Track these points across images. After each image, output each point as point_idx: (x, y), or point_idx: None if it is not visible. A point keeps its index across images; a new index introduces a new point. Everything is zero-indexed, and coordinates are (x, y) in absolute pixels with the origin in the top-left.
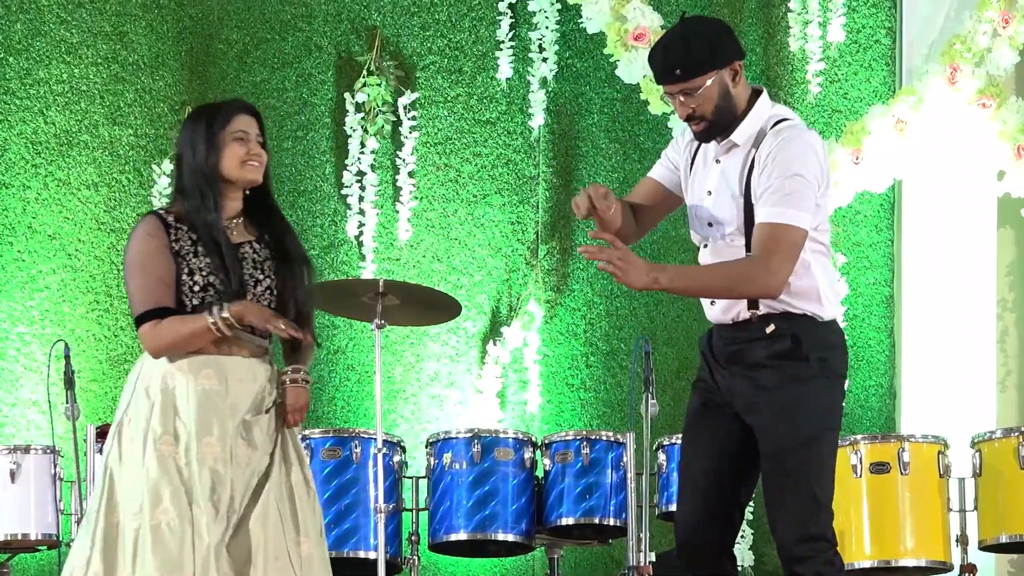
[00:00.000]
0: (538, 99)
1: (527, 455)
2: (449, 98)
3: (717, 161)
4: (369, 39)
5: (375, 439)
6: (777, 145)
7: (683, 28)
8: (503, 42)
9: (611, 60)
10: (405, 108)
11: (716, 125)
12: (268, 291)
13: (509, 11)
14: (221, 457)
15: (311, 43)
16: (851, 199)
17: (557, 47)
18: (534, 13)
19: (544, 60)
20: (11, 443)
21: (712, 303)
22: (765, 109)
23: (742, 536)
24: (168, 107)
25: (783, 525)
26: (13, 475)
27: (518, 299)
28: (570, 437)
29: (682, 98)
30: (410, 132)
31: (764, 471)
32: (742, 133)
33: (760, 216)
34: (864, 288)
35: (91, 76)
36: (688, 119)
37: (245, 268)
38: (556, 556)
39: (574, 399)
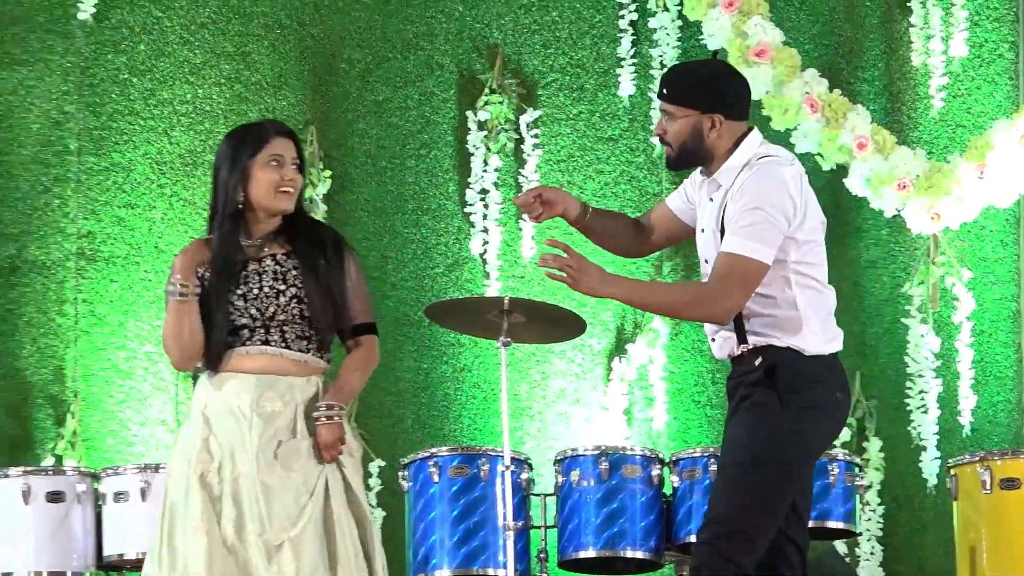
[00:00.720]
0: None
1: (655, 472)
2: (571, 116)
3: (710, 200)
4: (491, 57)
5: (502, 457)
6: (748, 179)
7: (701, 62)
8: (624, 59)
9: None
10: (527, 126)
11: (680, 158)
12: (294, 300)
13: (630, 28)
14: (254, 477)
15: (433, 61)
16: (976, 214)
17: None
18: (655, 30)
19: None
20: (141, 462)
21: (713, 340)
22: (751, 147)
23: (871, 553)
24: (291, 126)
25: (703, 531)
26: (144, 493)
27: (643, 316)
28: (697, 454)
29: (663, 116)
30: (533, 150)
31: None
32: (724, 173)
33: (722, 246)
34: (990, 303)
35: (214, 96)
36: (660, 139)
37: (264, 281)
38: (685, 573)
39: (700, 416)
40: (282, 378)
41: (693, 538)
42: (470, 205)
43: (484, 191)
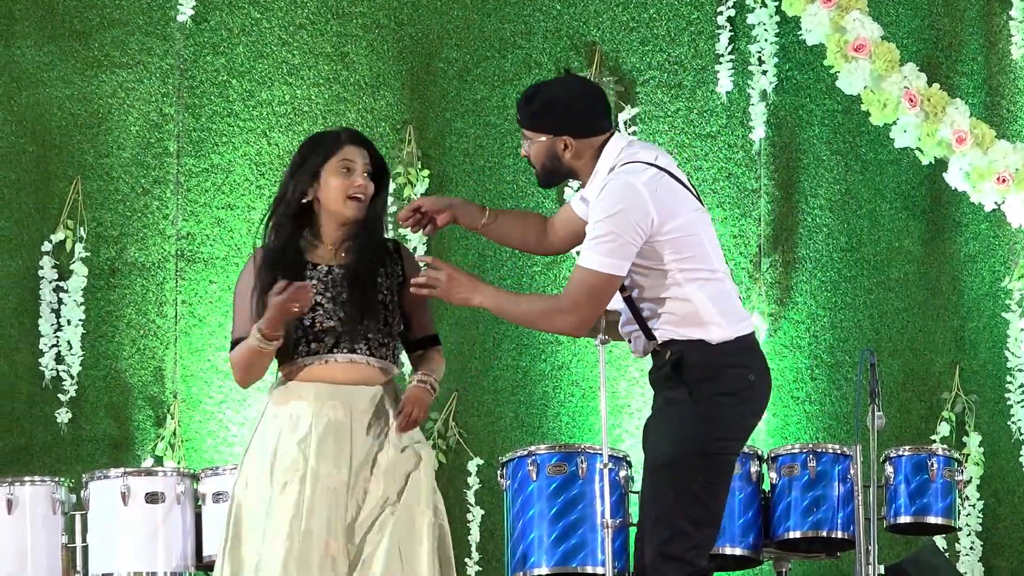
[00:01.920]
0: (758, 112)
1: (753, 468)
2: (669, 112)
3: None
4: (588, 55)
5: (601, 454)
6: (602, 191)
7: (552, 82)
8: (722, 55)
9: (831, 71)
10: (626, 123)
11: (546, 178)
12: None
13: (728, 24)
14: (342, 486)
15: (531, 60)
16: None
17: (776, 60)
18: (753, 26)
19: (764, 73)
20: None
21: (628, 340)
22: (611, 156)
23: (971, 548)
24: (389, 126)
25: (644, 543)
26: None
27: (750, 307)
28: (796, 450)
29: (523, 139)
30: None
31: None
32: (591, 187)
33: (578, 259)
34: None
35: (313, 97)
36: (528, 160)
37: (343, 287)
38: (784, 570)
39: (799, 412)
40: (369, 388)
41: (791, 534)
42: (565, 202)
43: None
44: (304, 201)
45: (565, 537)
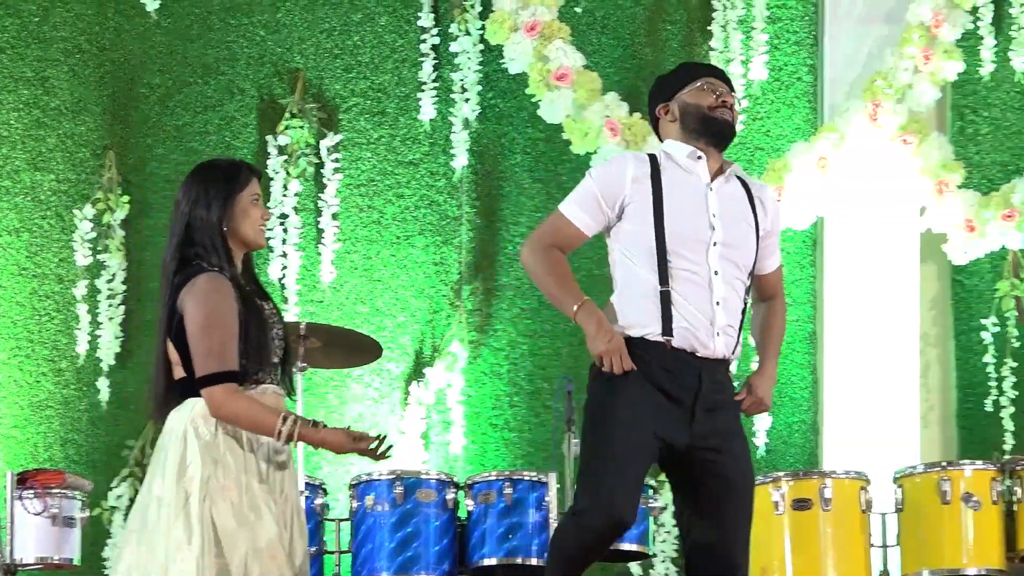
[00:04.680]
0: (461, 140)
1: (449, 496)
2: (372, 140)
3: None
4: (292, 82)
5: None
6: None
7: None
8: (425, 83)
9: (533, 100)
10: (328, 150)
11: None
12: (281, 343)
13: (432, 52)
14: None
15: (233, 86)
16: None
17: (479, 88)
18: (456, 54)
19: (467, 101)
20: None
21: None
22: None
23: (665, 574)
24: (90, 152)
25: (739, 550)
26: None
27: (441, 340)
28: (492, 477)
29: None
30: (333, 174)
31: None
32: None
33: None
34: (787, 325)
35: (12, 122)
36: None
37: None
38: None
39: (498, 439)
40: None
41: (487, 561)
42: (269, 230)
43: (284, 216)
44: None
45: None
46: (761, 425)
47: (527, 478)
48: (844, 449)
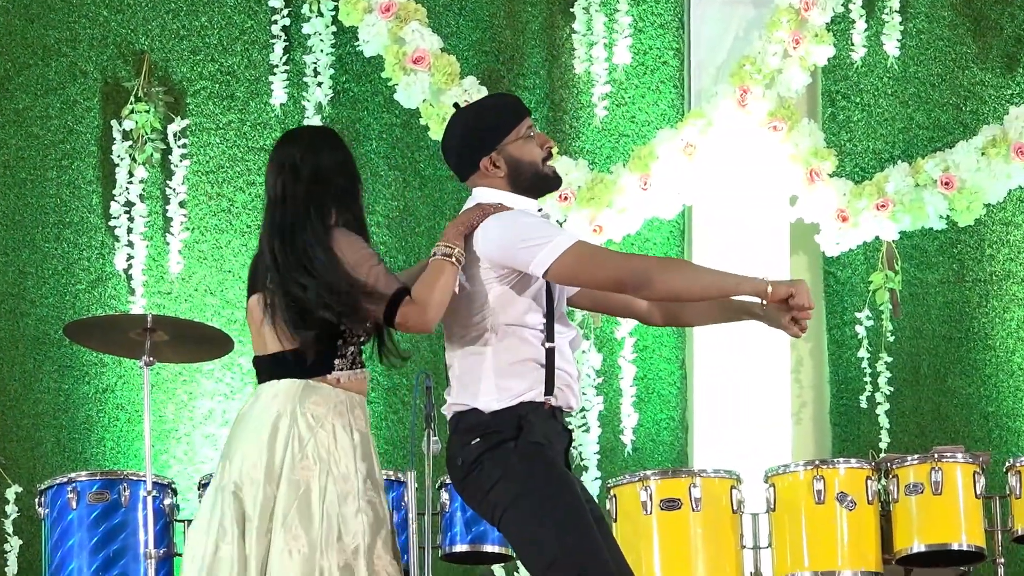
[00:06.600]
0: (314, 124)
1: None
2: (221, 125)
3: None
4: (137, 64)
5: (144, 481)
6: None
7: None
8: (277, 66)
9: (389, 84)
10: (175, 135)
11: None
12: None
13: (283, 34)
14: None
15: (76, 68)
16: (640, 226)
17: (332, 71)
18: (308, 36)
19: (319, 85)
20: None
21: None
22: None
23: None
24: None
25: None
26: None
27: None
28: None
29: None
30: (180, 160)
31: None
32: None
33: None
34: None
35: None
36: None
37: None
38: None
39: None
40: None
41: None
42: (114, 218)
43: (129, 204)
44: None
45: (106, 568)
46: (628, 423)
47: (385, 477)
48: (714, 447)
